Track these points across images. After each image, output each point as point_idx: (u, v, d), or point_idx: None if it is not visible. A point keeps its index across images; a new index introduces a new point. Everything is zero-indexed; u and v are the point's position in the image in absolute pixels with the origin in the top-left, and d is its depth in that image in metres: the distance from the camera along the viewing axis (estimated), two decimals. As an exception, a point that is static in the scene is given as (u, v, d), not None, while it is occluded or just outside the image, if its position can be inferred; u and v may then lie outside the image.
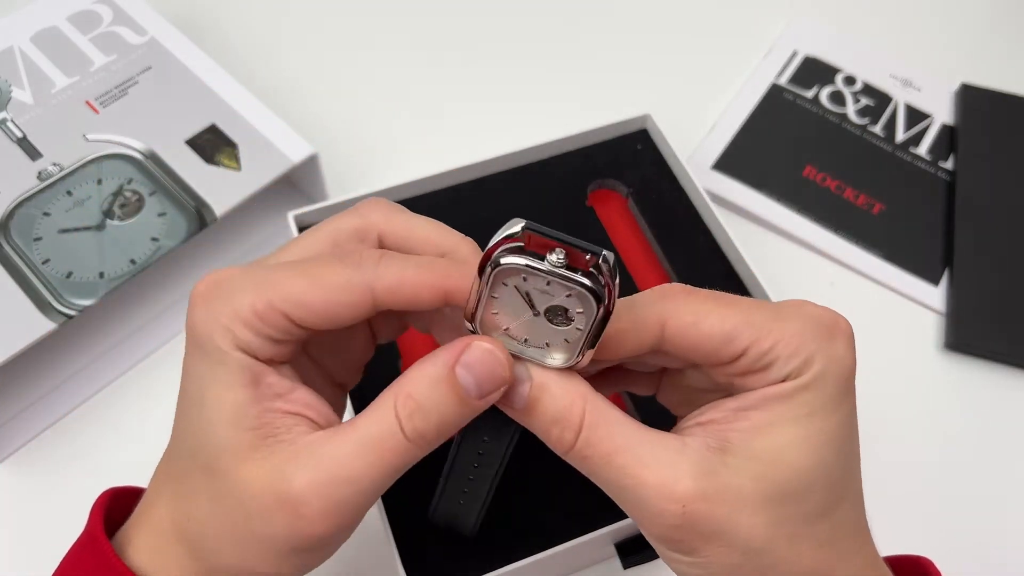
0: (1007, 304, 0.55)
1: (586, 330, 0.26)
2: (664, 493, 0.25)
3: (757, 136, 0.62)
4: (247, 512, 0.26)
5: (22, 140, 0.52)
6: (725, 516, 0.25)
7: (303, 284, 0.27)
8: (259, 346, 0.27)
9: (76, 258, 0.47)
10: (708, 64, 0.67)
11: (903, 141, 0.62)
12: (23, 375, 0.50)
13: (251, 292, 0.26)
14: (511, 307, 0.27)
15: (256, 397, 0.27)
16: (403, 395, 0.26)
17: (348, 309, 0.27)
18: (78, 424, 0.50)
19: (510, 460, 0.33)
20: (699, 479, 0.25)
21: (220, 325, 0.26)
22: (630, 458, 0.26)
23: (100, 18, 0.58)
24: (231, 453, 0.26)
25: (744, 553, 0.25)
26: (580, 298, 0.26)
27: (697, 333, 0.27)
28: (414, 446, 0.26)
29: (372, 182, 0.52)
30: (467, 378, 0.26)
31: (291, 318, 0.26)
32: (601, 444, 0.26)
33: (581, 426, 0.27)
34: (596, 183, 0.54)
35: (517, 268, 0.25)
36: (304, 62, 0.66)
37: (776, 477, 0.25)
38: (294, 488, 0.25)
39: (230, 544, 0.27)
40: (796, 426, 0.26)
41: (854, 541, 0.27)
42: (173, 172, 0.51)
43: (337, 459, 0.26)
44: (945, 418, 0.52)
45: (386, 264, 0.27)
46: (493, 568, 0.39)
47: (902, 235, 0.58)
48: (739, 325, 0.27)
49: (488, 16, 0.70)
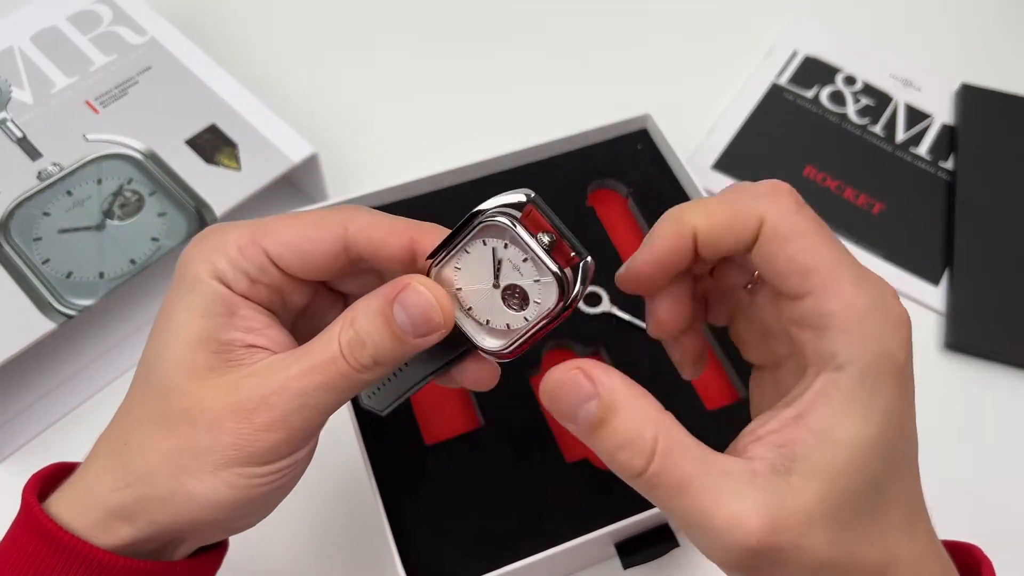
0: (1007, 304, 0.55)
1: (533, 323, 0.27)
2: (737, 528, 0.24)
3: (757, 136, 0.62)
4: (194, 424, 0.27)
5: (22, 140, 0.52)
6: (794, 542, 0.24)
7: (285, 223, 0.29)
8: (233, 277, 0.28)
9: (76, 258, 0.47)
10: (708, 64, 0.67)
11: (903, 141, 0.62)
12: (23, 375, 0.50)
13: (238, 231, 0.29)
14: (475, 270, 0.27)
15: (224, 326, 0.28)
16: (347, 320, 0.27)
17: (320, 245, 0.28)
18: (78, 424, 0.50)
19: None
20: (771, 510, 0.24)
21: (202, 257, 0.28)
22: (701, 490, 0.25)
23: (100, 18, 0.58)
24: (187, 371, 0.27)
25: (810, 571, 0.25)
26: (546, 288, 0.26)
27: (784, 250, 0.26)
28: (355, 372, 0.27)
29: (372, 182, 0.52)
30: (402, 316, 0.27)
31: (269, 254, 0.28)
32: (672, 473, 0.25)
33: (654, 452, 0.25)
34: (596, 183, 0.54)
35: (505, 230, 0.26)
36: (304, 62, 0.66)
37: (837, 491, 0.25)
38: (243, 396, 0.27)
39: (167, 462, 0.27)
40: (854, 432, 0.25)
41: (912, 532, 0.27)
42: (173, 172, 0.51)
43: (286, 374, 0.27)
44: (945, 418, 0.52)
45: (360, 209, 0.29)
46: (493, 568, 0.39)
47: (902, 235, 0.58)
48: (818, 268, 0.26)
49: (488, 16, 0.70)
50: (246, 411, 0.26)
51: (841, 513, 0.25)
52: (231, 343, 0.28)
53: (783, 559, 0.25)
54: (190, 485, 0.27)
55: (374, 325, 0.27)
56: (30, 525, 0.28)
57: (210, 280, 0.28)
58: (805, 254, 0.26)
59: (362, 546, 0.46)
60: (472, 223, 0.26)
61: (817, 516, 0.24)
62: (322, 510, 0.47)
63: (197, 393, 0.27)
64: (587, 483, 0.43)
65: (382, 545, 0.45)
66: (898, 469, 0.26)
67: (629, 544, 0.42)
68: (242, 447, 0.27)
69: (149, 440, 0.27)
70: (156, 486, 0.27)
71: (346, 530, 0.47)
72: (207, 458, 0.27)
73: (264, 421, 0.27)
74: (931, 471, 0.49)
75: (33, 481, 0.29)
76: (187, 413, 0.27)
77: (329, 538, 0.47)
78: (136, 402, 0.29)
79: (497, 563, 0.39)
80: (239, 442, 0.27)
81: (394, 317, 0.27)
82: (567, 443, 0.45)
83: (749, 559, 0.24)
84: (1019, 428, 0.52)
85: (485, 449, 0.44)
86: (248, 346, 0.28)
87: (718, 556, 0.25)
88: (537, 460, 0.44)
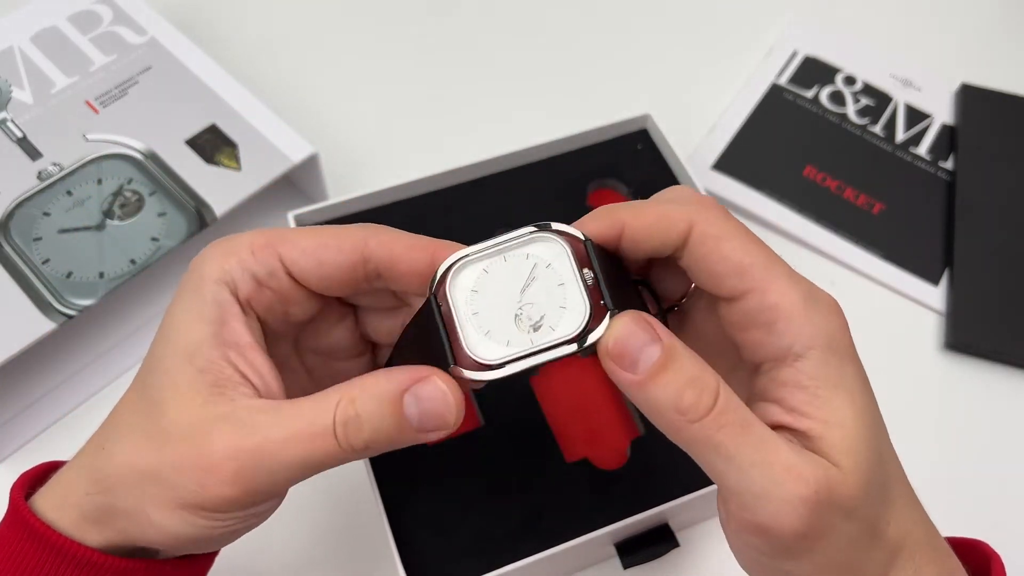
0: (1007, 304, 0.55)
1: (537, 346, 0.26)
2: (798, 475, 0.24)
3: (757, 136, 0.62)
4: (159, 453, 0.26)
5: (22, 140, 0.52)
6: (849, 505, 0.25)
7: (304, 232, 0.28)
8: (240, 277, 0.28)
9: (76, 258, 0.47)
10: (708, 64, 0.67)
11: (903, 141, 0.62)
12: (23, 375, 0.50)
13: (256, 234, 0.28)
14: (503, 278, 0.27)
15: (216, 337, 0.27)
16: (347, 398, 0.26)
17: (338, 255, 0.28)
18: (78, 424, 0.50)
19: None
20: (821, 470, 0.24)
21: (212, 259, 0.28)
22: (761, 437, 0.24)
23: (100, 18, 0.58)
24: (173, 389, 0.27)
25: (851, 542, 0.25)
26: (569, 317, 0.26)
27: (717, 250, 0.27)
28: (342, 451, 0.26)
29: (372, 182, 0.52)
30: (412, 409, 0.26)
31: (283, 260, 0.28)
32: (737, 412, 0.25)
33: (718, 391, 0.25)
34: (596, 183, 0.54)
35: (559, 250, 0.27)
36: (304, 62, 0.66)
37: (860, 465, 0.25)
38: (214, 447, 0.25)
39: (130, 484, 0.27)
40: (847, 412, 0.26)
41: (916, 511, 0.28)
42: (173, 172, 0.51)
43: (266, 435, 0.25)
44: (945, 418, 0.52)
45: (380, 226, 0.29)
46: (493, 568, 0.39)
47: (902, 235, 0.58)
48: (754, 265, 0.26)
49: (488, 16, 0.70)
50: (211, 464, 0.25)
51: (869, 486, 0.25)
52: (216, 361, 0.27)
53: (834, 524, 0.25)
54: (151, 512, 0.26)
55: (380, 410, 0.26)
56: (15, 521, 0.28)
57: (212, 283, 0.27)
58: (739, 253, 0.27)
59: (362, 546, 0.46)
60: (526, 232, 0.27)
61: (860, 483, 0.25)
62: (322, 510, 0.47)
63: (177, 419, 0.26)
64: (587, 483, 0.43)
65: (382, 545, 0.45)
66: (887, 445, 0.27)
67: (629, 544, 0.42)
68: (200, 495, 0.26)
69: (126, 453, 0.27)
70: (123, 500, 0.27)
71: (346, 530, 0.47)
72: (168, 492, 0.26)
73: (227, 476, 0.25)
74: (931, 471, 0.50)
75: (22, 480, 0.29)
76: (164, 436, 0.26)
77: (329, 538, 0.47)
78: (126, 408, 0.28)
79: (497, 563, 0.39)
80: (198, 490, 0.26)
81: (404, 407, 0.26)
82: (567, 443, 0.45)
83: (804, 516, 0.24)
84: (1019, 428, 0.52)
85: (485, 449, 0.44)
86: (234, 369, 0.27)
87: (773, 511, 0.24)
88: (537, 460, 0.44)
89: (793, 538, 0.25)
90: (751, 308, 0.27)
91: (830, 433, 0.25)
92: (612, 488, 0.43)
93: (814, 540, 0.25)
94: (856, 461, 0.25)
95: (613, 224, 0.28)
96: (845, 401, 0.26)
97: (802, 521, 0.24)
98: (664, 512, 0.41)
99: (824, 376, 0.26)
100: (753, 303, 0.26)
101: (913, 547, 0.27)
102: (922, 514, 0.28)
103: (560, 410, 0.46)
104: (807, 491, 0.24)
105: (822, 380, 0.26)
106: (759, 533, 0.25)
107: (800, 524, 0.24)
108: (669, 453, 0.43)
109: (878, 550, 0.26)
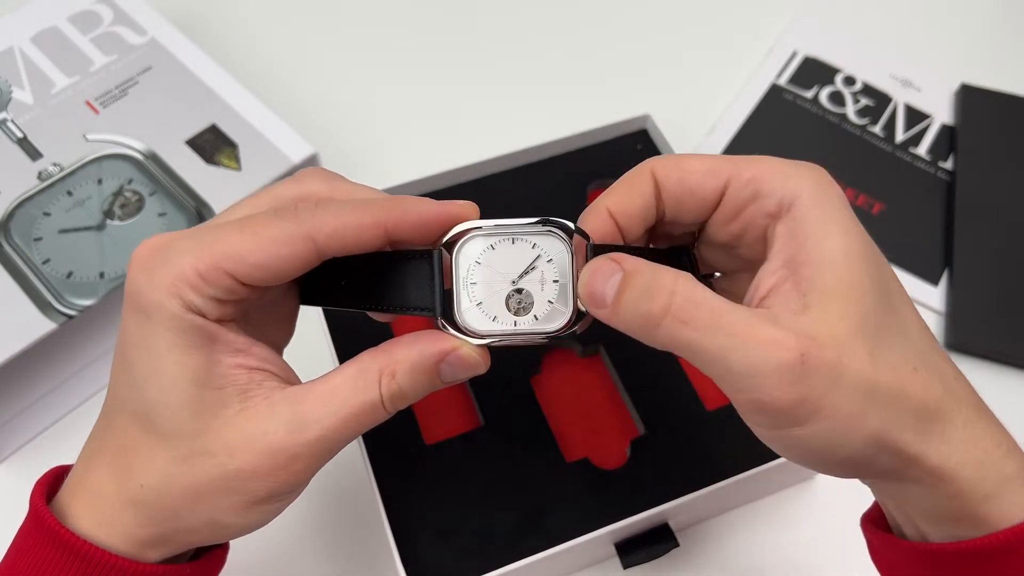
0: (1007, 304, 0.55)
1: (520, 330, 0.28)
2: (777, 348, 0.24)
3: (757, 136, 0.62)
4: (224, 469, 0.27)
5: (22, 140, 0.52)
6: (837, 360, 0.24)
7: (244, 240, 0.26)
8: (205, 307, 0.27)
9: (76, 258, 0.47)
10: (708, 64, 0.67)
11: (903, 141, 0.62)
12: (23, 375, 0.50)
13: (191, 254, 0.26)
14: (506, 259, 0.29)
15: (215, 357, 0.27)
16: (387, 373, 0.28)
17: (292, 261, 0.27)
18: (78, 424, 0.50)
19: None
20: (804, 334, 0.25)
21: (165, 290, 0.26)
22: (734, 322, 0.25)
23: (100, 18, 0.58)
24: (199, 415, 0.27)
25: (863, 395, 0.25)
26: (554, 313, 0.28)
27: (681, 171, 0.29)
28: (388, 414, 0.29)
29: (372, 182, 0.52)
30: (448, 372, 0.28)
31: (235, 276, 0.26)
32: (701, 308, 0.25)
33: (674, 292, 0.26)
34: (596, 183, 0.54)
35: (564, 248, 0.28)
36: (304, 62, 0.66)
37: (854, 303, 0.25)
38: (282, 444, 0.27)
39: (196, 503, 0.27)
40: (839, 246, 0.26)
41: (946, 363, 0.27)
42: (173, 172, 0.51)
43: (323, 425, 0.27)
44: (945, 418, 0.52)
45: (323, 210, 0.27)
46: (493, 568, 0.39)
47: (902, 235, 0.58)
48: (719, 162, 0.29)
49: (488, 16, 0.70)
50: (282, 463, 0.27)
51: (868, 327, 0.25)
52: (229, 373, 0.27)
53: (832, 382, 0.24)
54: (223, 518, 0.28)
55: (420, 380, 0.28)
56: (42, 533, 0.27)
57: (186, 315, 0.26)
58: (701, 161, 0.29)
59: (362, 546, 0.46)
60: (542, 224, 0.28)
61: (845, 332, 0.25)
62: (322, 510, 0.47)
63: (220, 435, 0.27)
64: (587, 483, 0.43)
65: (382, 545, 0.45)
66: (896, 286, 0.27)
67: (629, 544, 0.42)
68: (275, 489, 0.27)
69: (169, 482, 0.27)
70: (187, 520, 0.28)
71: (346, 530, 0.47)
72: (242, 497, 0.27)
73: (300, 469, 0.27)
74: (931, 471, 0.50)
75: (40, 488, 0.29)
76: (211, 455, 0.27)
77: (329, 538, 0.47)
78: (140, 447, 0.28)
79: (497, 563, 0.39)
80: (274, 486, 0.27)
81: (440, 374, 0.28)
82: (567, 443, 0.45)
83: (797, 382, 0.24)
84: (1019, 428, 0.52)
85: (485, 449, 0.44)
86: (248, 370, 0.28)
87: (765, 389, 0.25)
88: (537, 460, 0.44)
89: (791, 405, 0.25)
90: (736, 192, 0.28)
91: (820, 277, 0.26)
92: (612, 488, 0.43)
93: (815, 402, 0.24)
94: (848, 302, 0.25)
95: (601, 218, 0.29)
96: (839, 238, 0.26)
97: (794, 386, 0.24)
98: (664, 512, 0.41)
99: (816, 216, 0.27)
100: (735, 187, 0.28)
101: (958, 400, 0.26)
102: (956, 368, 0.28)
103: (560, 410, 0.46)
104: (791, 356, 0.24)
105: (814, 220, 0.27)
106: (759, 410, 0.25)
107: (793, 390, 0.24)
108: (669, 453, 0.43)
109: (906, 401, 0.25)
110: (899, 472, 0.26)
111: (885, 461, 0.26)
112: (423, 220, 0.28)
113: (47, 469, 0.31)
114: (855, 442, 0.25)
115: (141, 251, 0.27)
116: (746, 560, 0.46)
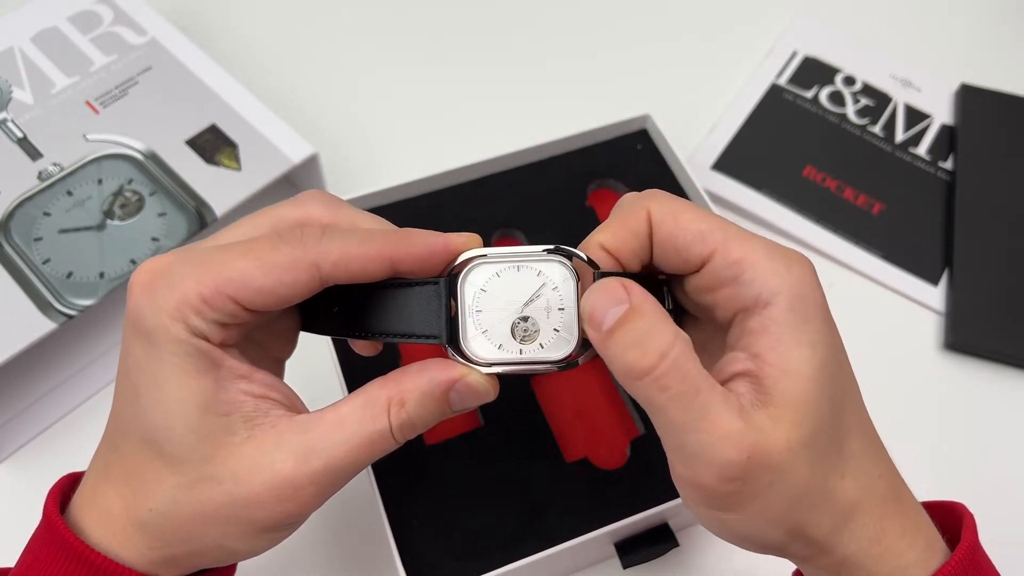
0: (1007, 304, 0.55)
1: (525, 359, 0.28)
2: (733, 441, 0.25)
3: (757, 136, 0.62)
4: (231, 497, 0.27)
5: (22, 140, 0.52)
6: (779, 466, 0.26)
7: (248, 266, 0.27)
8: (209, 331, 0.27)
9: (76, 258, 0.47)
10: (708, 64, 0.67)
11: (903, 141, 0.62)
12: (23, 375, 0.50)
13: (194, 278, 0.26)
14: (511, 287, 0.28)
15: (220, 383, 0.27)
16: (396, 402, 0.28)
17: (296, 288, 0.27)
18: (78, 424, 0.50)
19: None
20: (758, 435, 0.26)
21: (168, 314, 0.26)
22: (708, 404, 0.26)
23: (100, 18, 0.58)
24: (206, 441, 0.27)
25: (792, 498, 0.26)
26: (560, 342, 0.28)
27: (675, 224, 0.29)
28: (397, 444, 0.29)
29: (372, 182, 0.52)
30: (457, 400, 0.29)
31: (239, 301, 0.27)
32: (686, 380, 0.26)
33: (666, 356, 0.26)
34: (596, 183, 0.54)
35: (569, 277, 0.28)
36: (304, 62, 0.66)
37: (809, 417, 0.26)
38: (290, 474, 0.27)
39: (205, 528, 0.27)
40: (805, 361, 0.27)
41: (877, 465, 0.28)
42: (173, 172, 0.51)
43: (331, 455, 0.27)
44: (945, 418, 0.52)
45: (329, 239, 0.28)
46: (493, 568, 0.39)
47: (902, 235, 0.58)
48: (713, 228, 0.28)
49: (488, 16, 0.70)
50: (289, 489, 0.27)
51: (815, 441, 0.26)
52: (235, 400, 0.27)
53: (766, 484, 0.26)
54: (230, 544, 0.28)
55: (429, 409, 0.28)
56: (58, 545, 0.27)
57: (191, 339, 0.26)
58: (696, 222, 0.29)
59: (362, 546, 0.46)
60: (544, 251, 0.28)
61: (796, 442, 0.26)
62: (322, 509, 0.47)
63: (227, 463, 0.27)
64: (587, 483, 0.43)
65: (382, 545, 0.45)
66: (849, 398, 0.28)
67: (629, 544, 0.42)
68: (281, 519, 0.28)
69: (177, 508, 0.27)
70: (196, 544, 0.28)
71: (346, 530, 0.47)
72: (250, 526, 0.27)
73: (308, 498, 0.27)
74: (931, 471, 0.50)
75: (53, 496, 0.29)
76: (218, 482, 0.27)
77: (329, 538, 0.47)
78: (143, 471, 0.28)
79: (497, 563, 0.39)
80: (280, 516, 0.27)
81: (449, 403, 0.29)
82: (567, 443, 0.45)
83: (734, 478, 0.26)
84: (1019, 428, 0.52)
85: (485, 449, 0.44)
86: (255, 397, 0.28)
87: (708, 474, 0.26)
88: (537, 460, 0.44)
89: (724, 495, 0.26)
90: (718, 268, 0.28)
91: (785, 382, 0.26)
92: (612, 488, 0.43)
93: (747, 497, 0.26)
94: (804, 414, 0.26)
95: (596, 255, 0.29)
96: (806, 351, 0.27)
97: (732, 481, 0.26)
98: (664, 512, 0.41)
99: (789, 322, 0.27)
100: (719, 262, 0.28)
101: (874, 502, 0.28)
102: (888, 468, 0.29)
103: (560, 410, 0.46)
104: (738, 456, 0.25)
105: (786, 326, 0.27)
106: (695, 488, 0.27)
107: (730, 484, 0.26)
108: (669, 453, 0.43)
109: (827, 506, 0.27)
110: (812, 559, 0.28)
111: (800, 549, 0.28)
112: (429, 252, 0.28)
113: (47, 469, 0.31)
114: (776, 532, 0.27)
115: (141, 275, 0.27)
116: (746, 560, 0.46)
